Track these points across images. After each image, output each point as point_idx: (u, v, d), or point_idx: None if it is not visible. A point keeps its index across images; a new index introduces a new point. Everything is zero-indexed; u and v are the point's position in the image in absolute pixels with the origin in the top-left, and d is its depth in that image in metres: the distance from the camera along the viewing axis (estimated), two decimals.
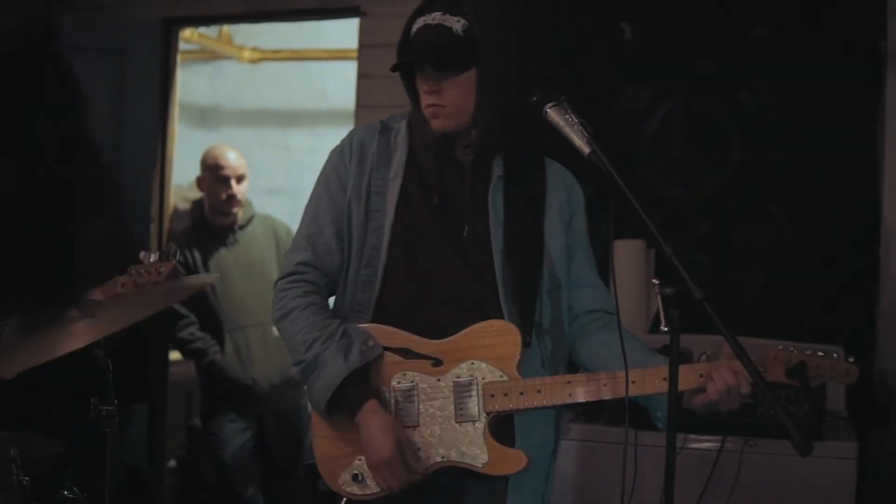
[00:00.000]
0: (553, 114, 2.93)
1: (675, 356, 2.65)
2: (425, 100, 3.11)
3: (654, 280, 2.76)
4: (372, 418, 3.00)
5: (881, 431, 5.14)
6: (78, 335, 3.27)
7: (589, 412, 4.51)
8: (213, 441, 6.30)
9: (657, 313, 2.72)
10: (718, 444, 4.25)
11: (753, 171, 5.44)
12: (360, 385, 3.04)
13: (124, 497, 3.81)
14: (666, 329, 2.65)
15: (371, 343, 3.06)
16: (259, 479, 6.47)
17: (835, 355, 2.91)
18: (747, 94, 5.42)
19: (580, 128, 2.89)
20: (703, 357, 3.89)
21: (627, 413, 2.93)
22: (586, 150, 2.86)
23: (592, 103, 5.18)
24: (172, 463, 7.16)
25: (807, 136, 5.35)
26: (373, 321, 3.12)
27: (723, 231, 5.45)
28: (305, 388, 3.15)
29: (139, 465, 5.77)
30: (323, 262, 3.22)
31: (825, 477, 4.31)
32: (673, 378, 2.65)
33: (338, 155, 3.28)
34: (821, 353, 2.91)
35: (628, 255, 4.81)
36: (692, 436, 4.33)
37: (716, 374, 2.90)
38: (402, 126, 3.26)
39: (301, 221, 3.30)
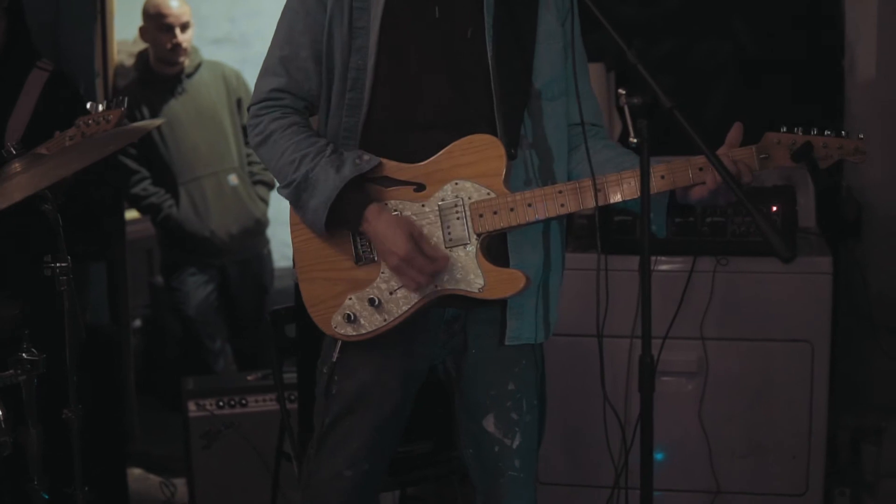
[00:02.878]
0: None
1: (647, 164, 2.55)
2: None
3: (619, 90, 2.65)
4: (377, 222, 2.85)
5: (853, 248, 5.11)
6: (21, 188, 3.15)
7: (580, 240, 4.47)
8: (176, 296, 6.29)
9: (622, 132, 2.62)
10: (690, 265, 4.20)
11: None
12: (358, 195, 2.87)
13: (88, 358, 3.75)
14: (635, 140, 2.55)
15: (366, 157, 2.88)
16: (225, 331, 6.45)
17: (843, 133, 2.81)
18: None
19: None
20: None
21: (598, 231, 2.85)
22: None
23: None
24: (137, 323, 7.12)
25: None
26: (360, 147, 2.95)
27: (683, 49, 5.35)
28: (298, 210, 2.97)
29: (103, 326, 5.69)
30: (300, 87, 3.03)
31: (799, 293, 4.29)
32: (645, 189, 2.57)
33: None
34: (827, 132, 2.80)
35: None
36: (663, 258, 4.29)
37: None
38: None
39: (273, 41, 3.07)
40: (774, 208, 4.21)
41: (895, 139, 5.07)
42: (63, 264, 3.33)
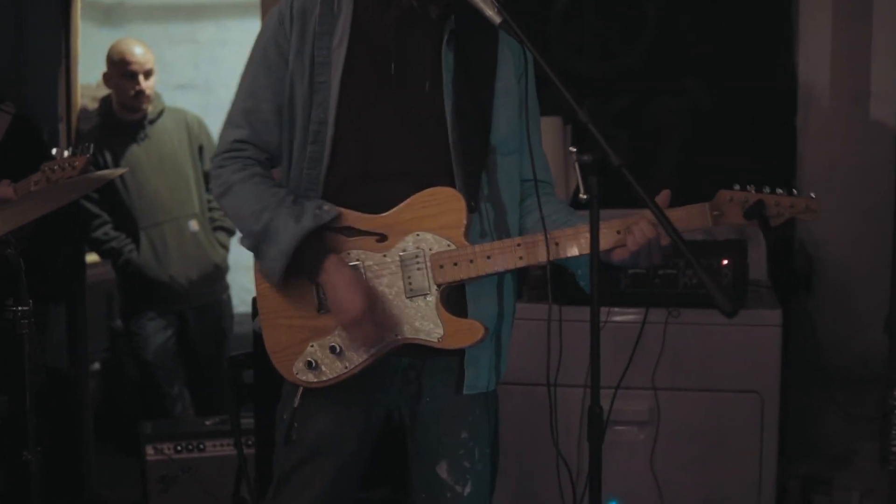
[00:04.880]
0: None
1: (597, 222, 2.61)
2: None
3: (571, 148, 2.72)
4: (335, 275, 2.89)
5: (803, 299, 5.19)
6: None
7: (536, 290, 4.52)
8: (135, 340, 6.28)
9: (576, 187, 2.68)
10: (642, 317, 4.25)
11: (668, 44, 5.41)
12: (317, 246, 2.92)
13: (47, 400, 3.77)
14: (585, 197, 2.61)
15: (326, 207, 2.93)
16: (184, 375, 6.45)
17: (794, 192, 2.86)
18: None
19: None
20: None
21: (549, 283, 2.90)
22: (497, 19, 2.78)
23: None
24: (96, 366, 7.12)
25: (721, 6, 5.33)
26: (323, 198, 2.99)
27: (639, 105, 5.42)
28: (258, 259, 3.01)
29: (62, 369, 5.70)
30: (261, 138, 3.08)
31: (749, 345, 4.36)
32: (595, 246, 2.62)
33: (276, 21, 3.08)
34: (780, 191, 2.86)
35: (545, 132, 4.80)
36: (615, 309, 4.35)
37: (635, 228, 2.84)
38: None
39: (236, 94, 3.13)
40: (725, 261, 4.29)
41: (846, 195, 5.17)
42: (24, 308, 3.36)
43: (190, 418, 6.19)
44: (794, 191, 2.88)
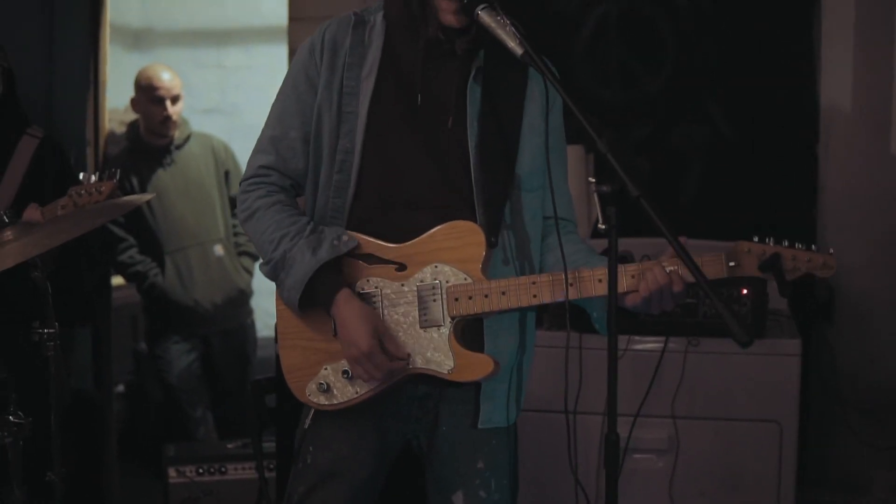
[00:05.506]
0: (484, 15, 2.87)
1: (615, 253, 2.62)
2: None
3: (590, 179, 2.74)
4: (346, 308, 2.92)
5: (823, 328, 5.19)
6: (12, 255, 3.23)
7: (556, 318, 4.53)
8: (159, 363, 6.31)
9: (597, 217, 2.70)
10: (662, 345, 4.28)
11: (690, 72, 5.43)
12: (332, 278, 2.95)
13: (71, 421, 3.81)
14: (604, 227, 2.64)
15: (344, 238, 2.96)
16: (207, 399, 6.48)
17: (813, 247, 2.84)
18: None
19: (512, 29, 2.85)
20: (644, 259, 3.90)
21: (567, 316, 2.91)
22: (519, 51, 2.80)
23: (526, 7, 5.14)
24: (121, 388, 7.15)
25: (743, 35, 5.35)
26: (347, 227, 3.02)
27: (661, 133, 5.44)
28: (277, 286, 3.05)
29: (87, 390, 5.74)
30: (286, 165, 3.12)
31: (769, 374, 4.37)
32: (612, 277, 2.64)
33: (307, 52, 3.12)
34: (799, 246, 2.84)
35: (568, 161, 4.85)
36: (636, 337, 4.37)
37: (648, 273, 2.85)
38: (378, 19, 3.13)
39: (266, 122, 3.17)
40: (745, 291, 4.31)
41: (867, 223, 5.17)
42: (50, 330, 3.40)
43: (213, 441, 6.21)
44: (813, 246, 2.86)
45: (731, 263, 2.87)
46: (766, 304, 4.41)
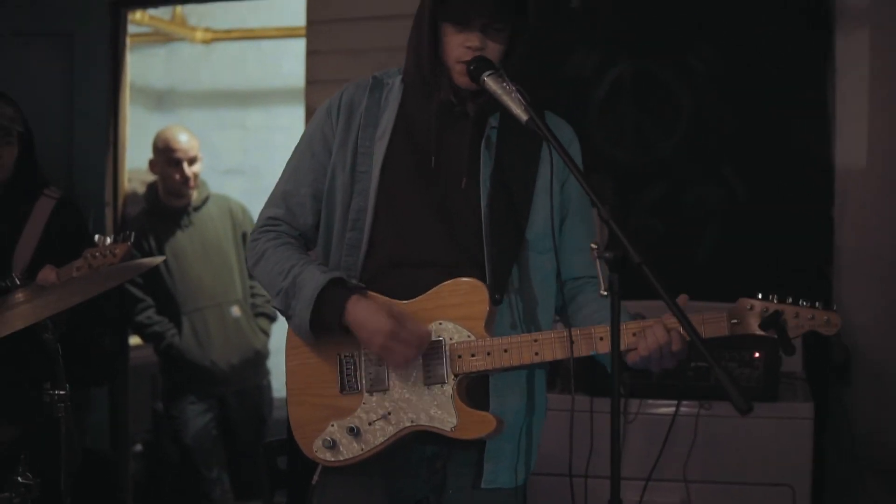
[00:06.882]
0: (490, 82, 2.91)
1: (617, 319, 2.63)
2: (464, 54, 2.98)
3: (592, 245, 2.75)
4: (357, 308, 2.93)
5: (840, 390, 5.17)
6: (23, 317, 3.26)
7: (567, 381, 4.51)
8: (175, 424, 6.33)
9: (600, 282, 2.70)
10: (674, 409, 4.27)
11: (704, 134, 5.43)
12: (340, 292, 2.95)
13: (85, 482, 3.81)
14: (605, 293, 2.64)
15: (353, 282, 2.99)
16: (223, 459, 6.49)
17: (817, 304, 2.82)
18: (695, 56, 5.39)
19: (518, 95, 2.87)
20: (637, 317, 3.90)
21: (573, 377, 2.92)
22: (524, 117, 2.83)
23: (540, 70, 5.17)
24: (138, 447, 7.16)
25: (757, 97, 5.35)
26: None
27: (675, 194, 5.44)
28: (288, 319, 3.06)
29: (103, 450, 5.75)
30: (295, 219, 3.17)
31: (781, 438, 4.35)
32: (615, 341, 2.64)
33: (325, 113, 3.18)
34: (803, 303, 2.82)
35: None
36: (648, 401, 4.36)
37: (648, 331, 2.85)
38: (396, 82, 3.18)
39: (280, 177, 3.23)
40: (757, 354, 4.31)
41: (884, 283, 5.14)
42: (61, 392, 3.42)
43: (228, 502, 6.21)
44: (818, 303, 2.83)
45: (734, 321, 2.86)
46: (778, 367, 4.39)
